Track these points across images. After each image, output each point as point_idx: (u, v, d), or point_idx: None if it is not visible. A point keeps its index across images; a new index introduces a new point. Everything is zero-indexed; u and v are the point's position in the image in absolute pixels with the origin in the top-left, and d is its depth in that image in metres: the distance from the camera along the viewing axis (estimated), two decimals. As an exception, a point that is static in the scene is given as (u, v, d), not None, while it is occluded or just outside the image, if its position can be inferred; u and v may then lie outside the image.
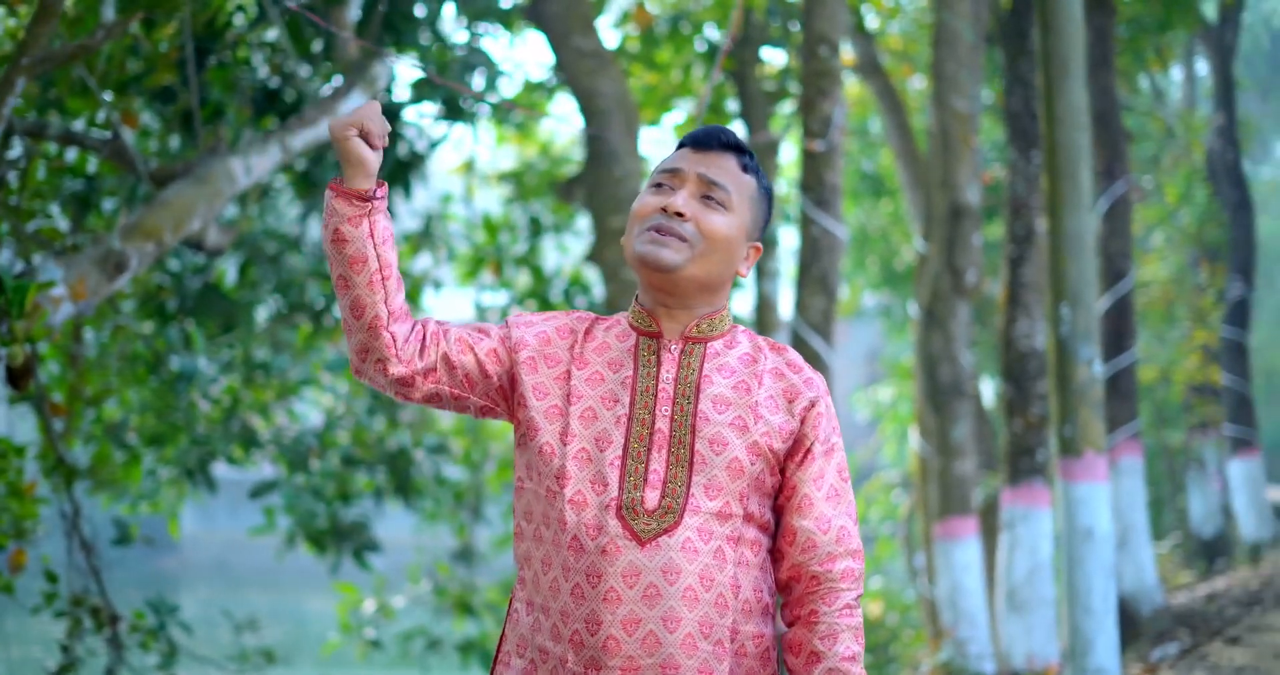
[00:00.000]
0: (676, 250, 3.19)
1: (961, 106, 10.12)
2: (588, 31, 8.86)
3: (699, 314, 3.28)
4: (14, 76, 5.29)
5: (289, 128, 7.21)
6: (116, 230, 6.02)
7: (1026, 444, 9.62)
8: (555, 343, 3.28)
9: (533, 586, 3.20)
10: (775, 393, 3.26)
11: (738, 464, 3.18)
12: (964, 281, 10.25)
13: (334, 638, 11.78)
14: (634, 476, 3.14)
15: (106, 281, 5.73)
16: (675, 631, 3.09)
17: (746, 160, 3.32)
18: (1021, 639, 9.43)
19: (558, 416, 3.19)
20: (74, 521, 7.59)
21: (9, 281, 5.18)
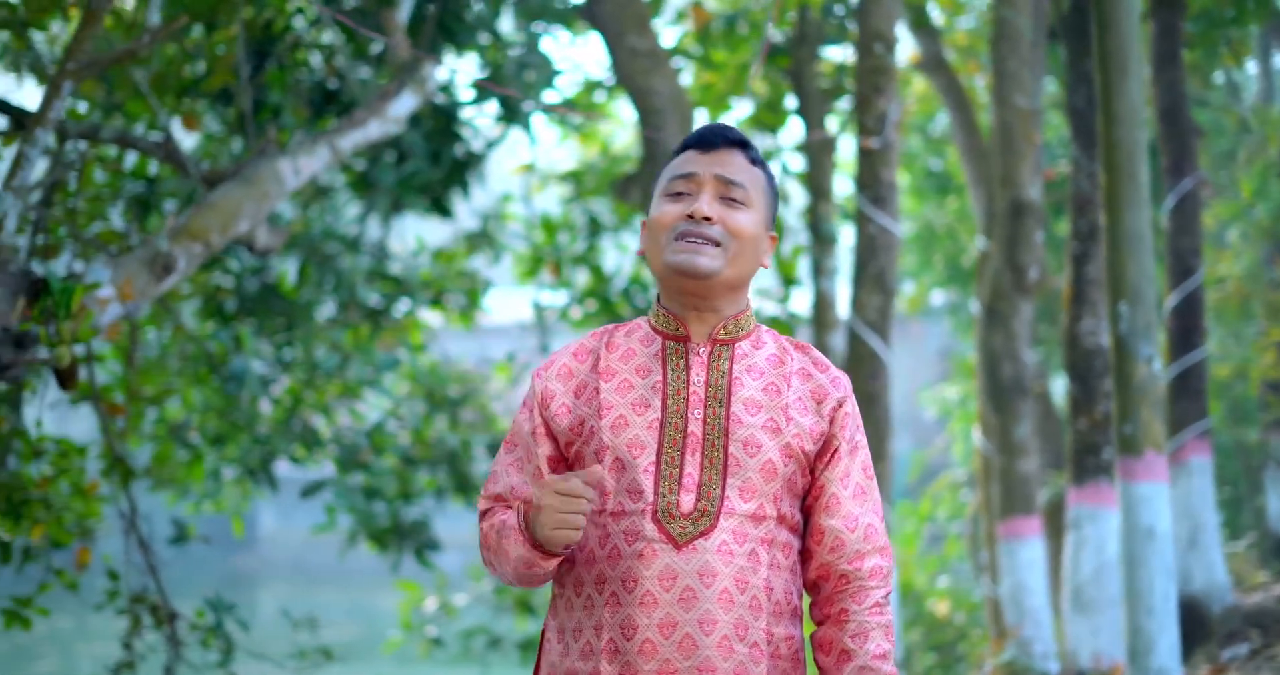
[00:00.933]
0: (712, 257, 3.18)
1: (1023, 103, 10.04)
2: (643, 31, 8.86)
3: (726, 315, 3.28)
4: (60, 81, 5.35)
5: (338, 129, 7.25)
6: (164, 232, 6.08)
7: (1092, 442, 9.53)
8: (577, 371, 3.29)
9: (565, 611, 3.21)
10: (804, 394, 3.27)
11: (771, 466, 3.18)
12: (1026, 279, 10.18)
13: (396, 635, 11.84)
14: (669, 481, 3.14)
15: (154, 283, 5.79)
16: (711, 634, 3.09)
17: (753, 154, 3.33)
18: (1088, 639, 9.36)
19: (591, 437, 3.20)
20: (131, 520, 7.67)
21: (56, 283, 5.24)
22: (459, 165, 9.15)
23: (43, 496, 7.64)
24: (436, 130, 8.92)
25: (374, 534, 10.41)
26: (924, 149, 15.35)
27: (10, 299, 5.17)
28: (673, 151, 3.41)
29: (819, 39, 10.25)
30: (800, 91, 10.07)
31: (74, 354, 5.26)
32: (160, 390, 8.43)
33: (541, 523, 3.03)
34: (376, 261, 10.36)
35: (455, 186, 9.25)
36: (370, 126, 7.26)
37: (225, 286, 9.58)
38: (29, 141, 5.32)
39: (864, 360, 8.13)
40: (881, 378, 8.16)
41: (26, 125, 6.48)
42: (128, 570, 7.99)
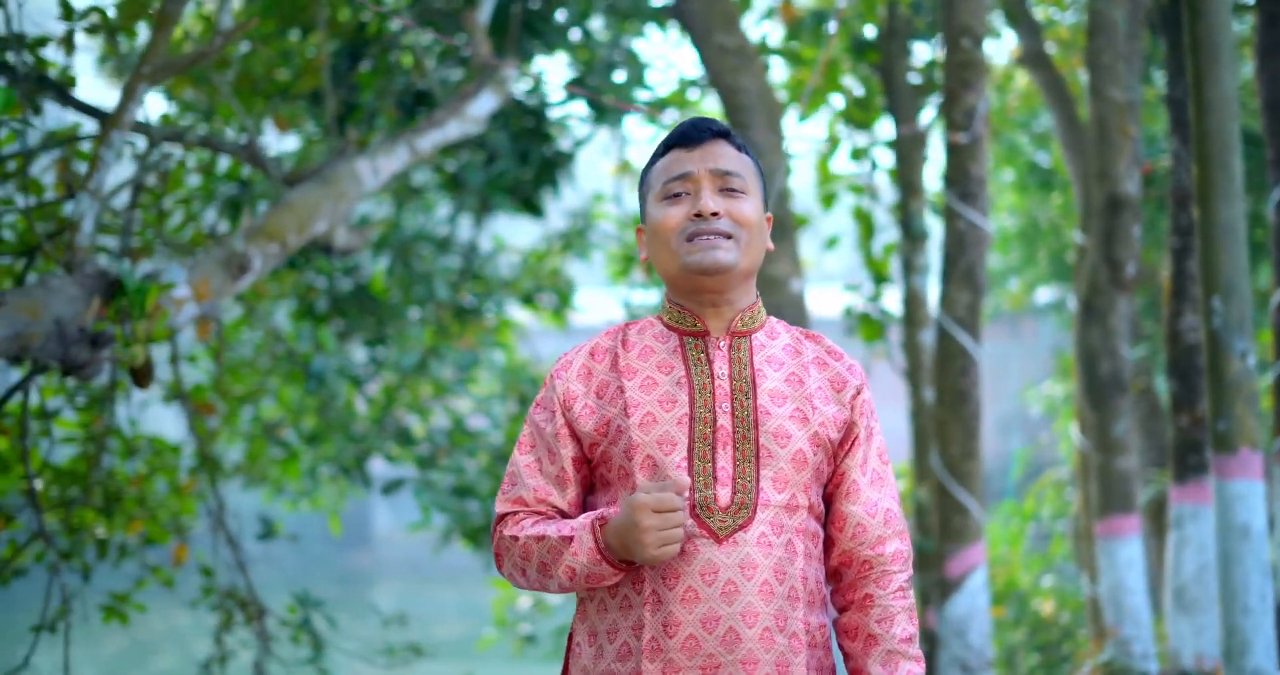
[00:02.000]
0: (728, 250, 3.20)
1: (1118, 96, 9.89)
2: (731, 28, 8.83)
3: (740, 308, 3.28)
4: (135, 84, 5.44)
5: (417, 130, 7.30)
6: (240, 232, 6.16)
7: (1193, 440, 9.38)
8: (596, 371, 3.28)
9: (596, 614, 3.20)
10: (823, 383, 3.29)
11: (802, 456, 3.19)
12: (1123, 274, 10.02)
13: (489, 633, 11.90)
14: (703, 475, 3.14)
15: (230, 282, 5.87)
16: (753, 626, 3.10)
17: (737, 141, 3.34)
18: (1190, 639, 9.22)
19: (619, 436, 3.19)
20: (219, 517, 7.78)
21: (131, 283, 5.33)
22: (548, 164, 9.19)
23: (138, 494, 7.77)
24: (524, 130, 8.96)
25: (467, 532, 10.48)
26: (1028, 144, 15.17)
27: (86, 299, 5.26)
28: (653, 153, 3.40)
29: (908, 34, 10.18)
30: (890, 87, 10.01)
31: (148, 353, 5.34)
32: (251, 390, 8.53)
33: (644, 543, 3.02)
34: (466, 261, 10.42)
35: (545, 186, 9.29)
36: (449, 126, 7.31)
37: (316, 287, 9.68)
38: (105, 144, 5.41)
39: (953, 357, 8.06)
40: (971, 375, 8.08)
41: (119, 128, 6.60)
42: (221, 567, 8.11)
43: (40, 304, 5.06)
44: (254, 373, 9.35)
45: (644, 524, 2.99)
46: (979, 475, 8.11)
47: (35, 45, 6.45)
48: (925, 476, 9.88)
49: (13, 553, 6.84)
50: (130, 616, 7.54)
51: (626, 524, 3.02)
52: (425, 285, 9.91)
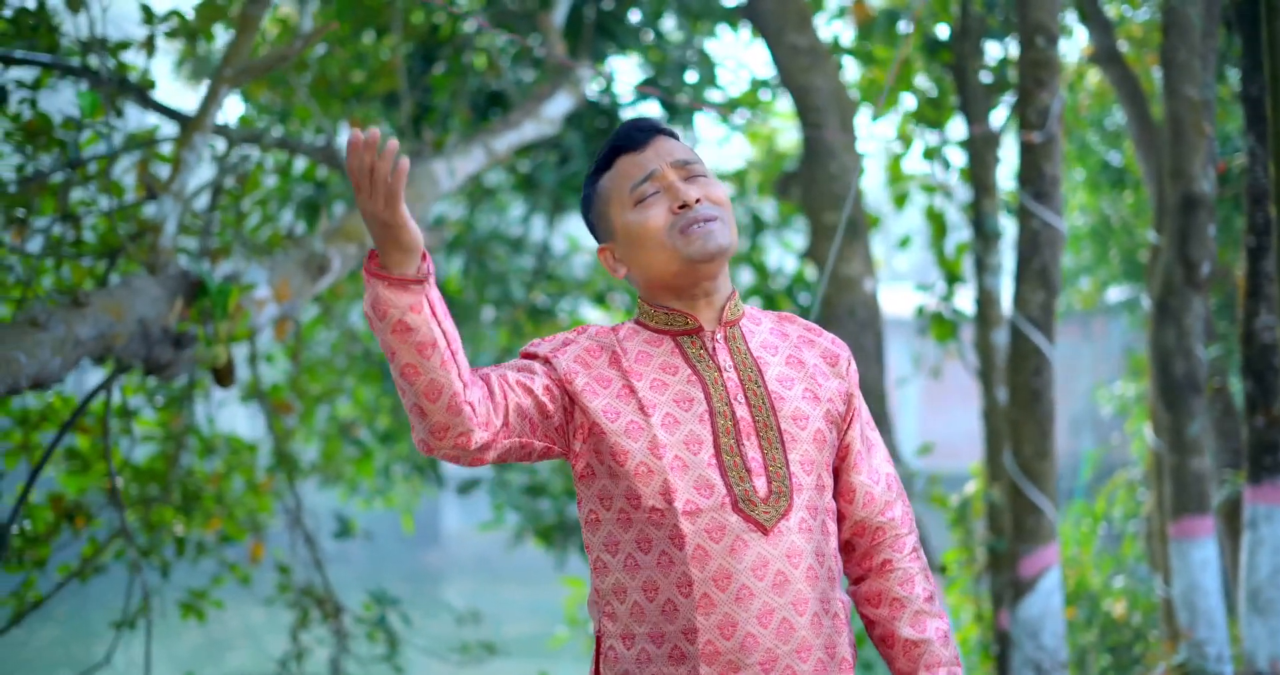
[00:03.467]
0: (719, 232, 3.17)
1: (1194, 94, 9.82)
2: (803, 28, 8.84)
3: (725, 295, 3.26)
4: (217, 87, 5.51)
5: (493, 131, 7.35)
6: (319, 233, 6.22)
7: (1269, 441, 9.28)
8: (595, 364, 3.20)
9: (632, 618, 3.13)
10: (817, 359, 3.31)
11: (821, 435, 3.21)
12: (1198, 274, 9.95)
13: (561, 631, 11.94)
14: (735, 469, 3.12)
15: (310, 283, 5.92)
16: (804, 613, 3.10)
17: (675, 134, 3.33)
18: (1265, 641, 9.13)
19: (640, 433, 3.12)
20: (296, 516, 7.86)
21: (213, 284, 5.39)
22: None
23: (216, 492, 7.87)
24: (598, 130, 8.99)
25: (540, 531, 10.53)
26: (1100, 142, 15.08)
27: (169, 300, 5.33)
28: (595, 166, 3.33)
29: (981, 33, 10.14)
30: (962, 86, 9.98)
31: (230, 353, 5.41)
32: (327, 389, 8.60)
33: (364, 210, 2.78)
34: (540, 261, 10.46)
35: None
36: (525, 128, 7.35)
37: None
38: (188, 146, 5.48)
39: (1027, 357, 8.04)
40: (1045, 374, 8.06)
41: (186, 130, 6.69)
42: (298, 565, 8.19)
43: (124, 305, 5.13)
44: (330, 372, 9.42)
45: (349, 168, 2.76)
46: (1053, 475, 8.09)
47: (117, 49, 6.53)
48: (998, 476, 9.84)
49: (95, 550, 6.93)
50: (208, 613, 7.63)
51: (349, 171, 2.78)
52: (500, 285, 9.95)
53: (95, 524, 7.17)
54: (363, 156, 2.72)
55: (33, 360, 4.70)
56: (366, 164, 2.73)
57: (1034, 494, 7.97)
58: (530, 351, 3.24)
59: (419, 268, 2.86)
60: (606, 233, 3.29)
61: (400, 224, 2.78)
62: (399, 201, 2.76)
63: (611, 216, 3.25)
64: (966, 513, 10.65)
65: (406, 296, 2.83)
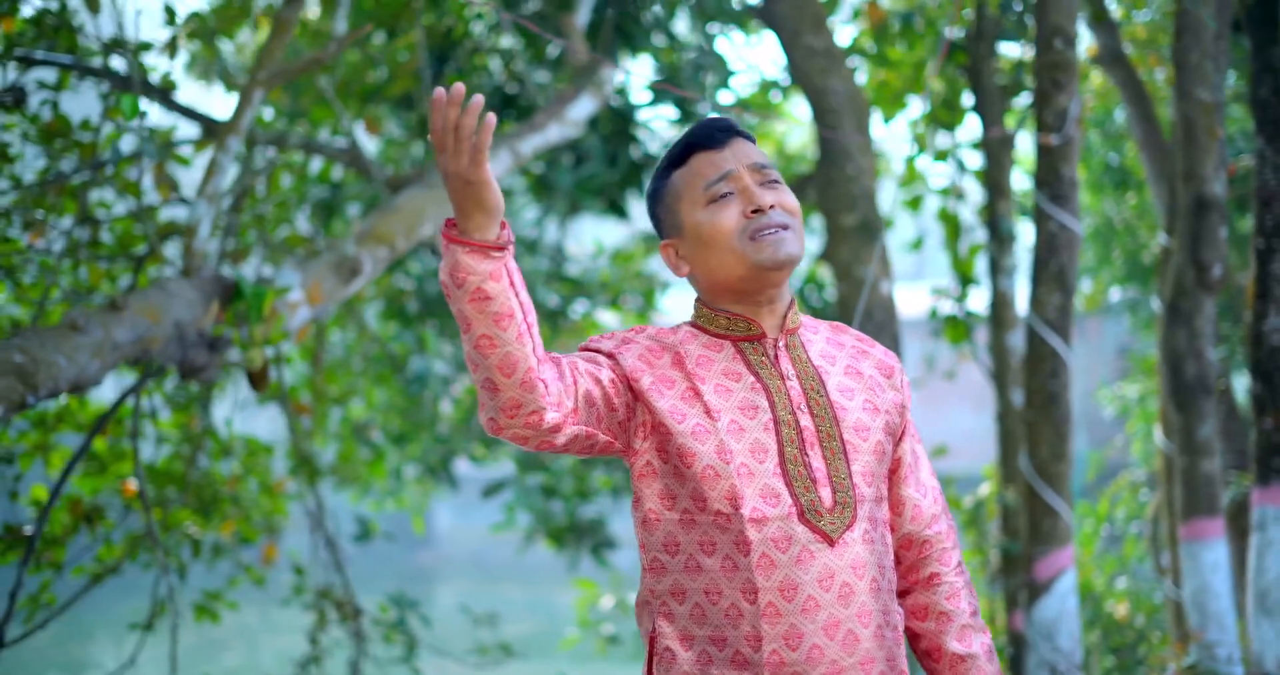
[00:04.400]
0: (792, 241, 3.14)
1: (1205, 96, 9.83)
2: (819, 29, 8.82)
3: (786, 303, 3.24)
4: (252, 90, 5.49)
5: (518, 133, 7.34)
6: (351, 235, 6.21)
7: (1277, 443, 9.33)
8: (658, 364, 3.16)
9: (692, 620, 3.10)
10: (873, 371, 3.29)
11: (880, 446, 3.20)
12: (1209, 276, 9.97)
13: (574, 633, 11.92)
14: (801, 479, 3.09)
15: (341, 286, 5.91)
16: (868, 625, 3.09)
17: (751, 137, 3.29)
18: (1273, 643, 9.14)
19: (707, 436, 3.09)
20: (319, 518, 7.84)
21: (248, 287, 5.38)
22: (635, 167, 9.21)
23: (232, 494, 7.85)
24: (613, 132, 8.98)
25: (552, 532, 10.52)
26: (1102, 144, 15.10)
27: (204, 303, 5.32)
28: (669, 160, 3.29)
29: (996, 35, 10.14)
30: (977, 88, 9.97)
31: (265, 356, 5.39)
32: (345, 391, 8.59)
33: (444, 172, 2.74)
34: (554, 263, 10.45)
35: (631, 188, 9.31)
36: (550, 130, 7.34)
37: (406, 289, 9.74)
38: (222, 149, 5.46)
39: (1044, 359, 8.04)
40: (1062, 377, 8.06)
41: (216, 133, 6.68)
42: (312, 566, 8.18)
43: (160, 308, 5.12)
44: (347, 374, 9.41)
45: (433, 126, 2.71)
46: (1069, 478, 8.10)
47: (139, 50, 6.51)
48: (1012, 478, 9.86)
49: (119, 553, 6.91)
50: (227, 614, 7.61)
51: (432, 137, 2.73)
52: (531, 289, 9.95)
53: (109, 525, 7.14)
54: (447, 113, 2.68)
55: (72, 364, 4.69)
56: (451, 121, 2.68)
57: (1050, 496, 7.98)
58: (593, 346, 3.19)
59: (500, 234, 2.82)
60: (673, 229, 3.25)
61: (485, 181, 2.73)
62: (484, 158, 2.71)
63: (680, 213, 3.22)
64: (980, 514, 10.65)
65: (487, 263, 2.78)
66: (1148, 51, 13.18)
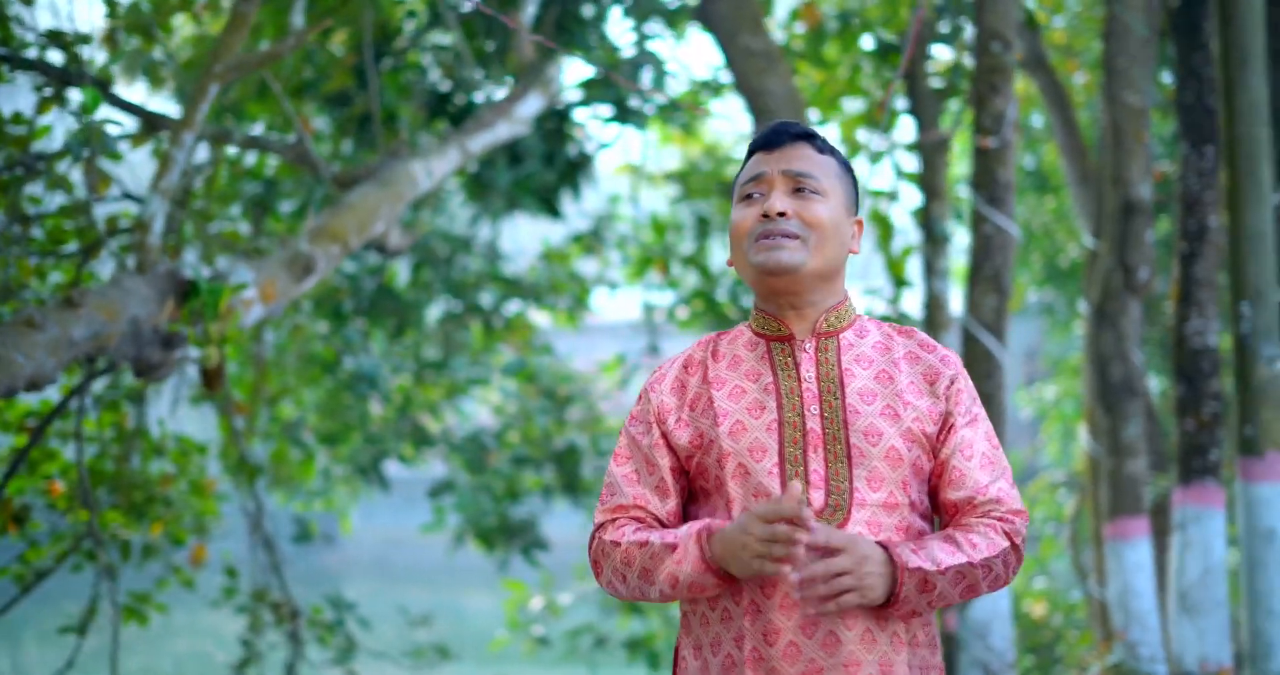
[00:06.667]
0: (793, 250, 3.17)
1: (1133, 101, 9.94)
2: (756, 30, 8.83)
3: (824, 308, 3.26)
4: (206, 83, 5.40)
5: (467, 131, 7.29)
6: (303, 233, 6.13)
7: (1199, 443, 9.42)
8: (689, 384, 3.27)
9: (700, 627, 3.18)
10: (914, 377, 3.25)
11: (895, 453, 3.16)
12: (1136, 279, 10.09)
13: (501, 634, 11.86)
14: (795, 479, 3.11)
15: (294, 283, 5.84)
16: (854, 628, 3.07)
17: (820, 143, 3.31)
18: (1194, 642, 9.26)
19: (711, 445, 3.17)
20: (256, 519, 7.74)
21: (204, 284, 5.29)
22: (572, 167, 9.18)
23: (163, 494, 7.72)
24: (551, 132, 8.94)
25: (482, 533, 10.45)
26: (1022, 147, 15.24)
27: (160, 300, 5.23)
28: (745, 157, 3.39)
29: (931, 38, 10.20)
30: (913, 91, 10.03)
31: (222, 355, 5.31)
32: (280, 390, 8.49)
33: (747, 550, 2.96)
34: (489, 262, 10.40)
35: (566, 187, 9.27)
36: (499, 128, 7.31)
37: (341, 287, 9.64)
38: (175, 144, 5.37)
39: (979, 360, 8.09)
40: (996, 377, 8.12)
41: (158, 127, 6.56)
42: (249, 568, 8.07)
43: (117, 305, 5.03)
44: (281, 373, 9.30)
45: (752, 531, 2.93)
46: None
47: (74, 43, 6.39)
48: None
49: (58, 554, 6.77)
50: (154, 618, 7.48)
51: (735, 532, 2.98)
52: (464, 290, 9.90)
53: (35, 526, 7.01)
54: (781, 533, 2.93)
55: (30, 361, 4.59)
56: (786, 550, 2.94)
57: (985, 497, 8.01)
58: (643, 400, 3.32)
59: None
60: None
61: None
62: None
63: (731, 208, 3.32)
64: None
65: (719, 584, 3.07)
66: (1067, 56, 13.32)
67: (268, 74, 6.69)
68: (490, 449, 10.27)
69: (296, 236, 6.16)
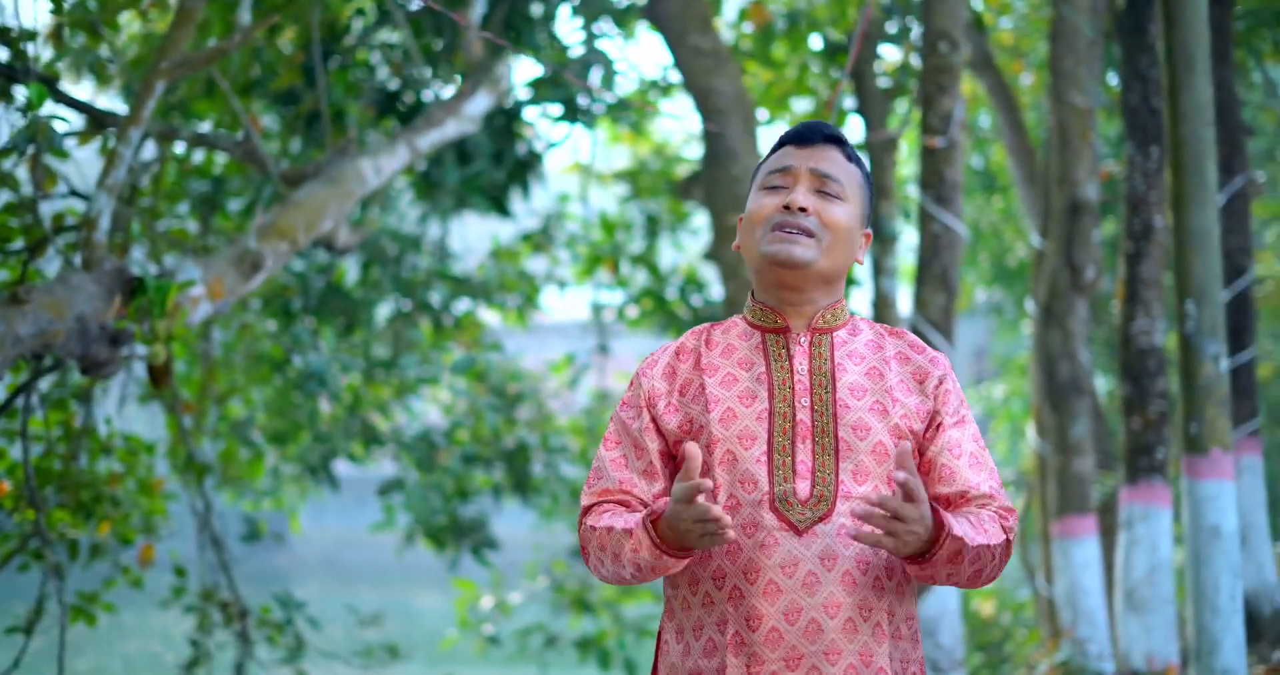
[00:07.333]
0: (806, 247, 3.22)
1: (1080, 102, 10.02)
2: (705, 30, 8.86)
3: (822, 305, 3.30)
4: (153, 80, 5.38)
5: (416, 129, 7.28)
6: (252, 230, 6.11)
7: (1145, 442, 9.50)
8: (680, 370, 3.32)
9: (682, 611, 3.23)
10: (904, 375, 3.29)
11: (882, 448, 3.19)
12: (1083, 278, 10.16)
13: (451, 634, 11.84)
14: (783, 469, 3.16)
15: (243, 281, 5.82)
16: (836, 617, 3.10)
17: (849, 150, 3.35)
18: (1141, 639, 9.33)
19: (700, 431, 3.22)
20: (205, 518, 7.70)
21: (151, 282, 5.27)
22: (520, 165, 9.17)
23: (111, 494, 7.68)
24: (499, 130, 8.94)
25: (432, 532, 10.43)
26: (970, 148, 15.31)
27: (107, 297, 5.21)
28: (771, 148, 3.43)
29: (879, 38, 10.24)
30: (860, 90, 10.06)
31: (169, 352, 5.29)
32: (227, 388, 8.46)
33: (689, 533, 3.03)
34: (438, 261, 10.38)
35: (516, 186, 9.26)
36: (448, 126, 7.30)
37: (290, 285, 9.61)
38: (122, 141, 5.34)
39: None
40: (945, 376, 8.15)
41: (105, 124, 6.53)
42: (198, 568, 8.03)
43: (63, 302, 5.00)
44: (230, 371, 9.26)
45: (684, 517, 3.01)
46: (953, 476, 8.16)
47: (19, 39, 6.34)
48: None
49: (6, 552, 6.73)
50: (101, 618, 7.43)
51: (671, 520, 3.04)
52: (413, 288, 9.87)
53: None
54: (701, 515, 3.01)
55: (-25, 358, 4.56)
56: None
57: (934, 495, 8.05)
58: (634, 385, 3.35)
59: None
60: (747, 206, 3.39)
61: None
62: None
63: (750, 193, 3.37)
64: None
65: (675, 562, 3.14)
66: (1014, 57, 13.40)
67: (215, 71, 6.67)
68: (440, 447, 10.24)
69: (245, 234, 6.14)
